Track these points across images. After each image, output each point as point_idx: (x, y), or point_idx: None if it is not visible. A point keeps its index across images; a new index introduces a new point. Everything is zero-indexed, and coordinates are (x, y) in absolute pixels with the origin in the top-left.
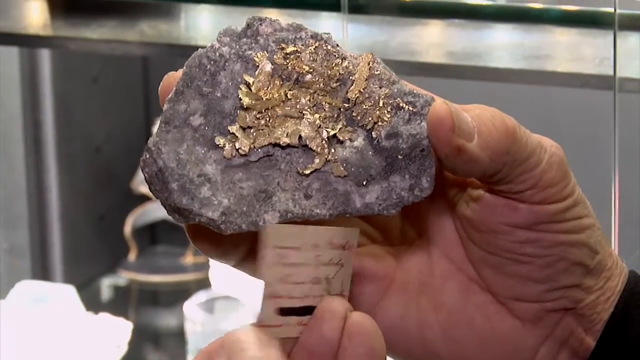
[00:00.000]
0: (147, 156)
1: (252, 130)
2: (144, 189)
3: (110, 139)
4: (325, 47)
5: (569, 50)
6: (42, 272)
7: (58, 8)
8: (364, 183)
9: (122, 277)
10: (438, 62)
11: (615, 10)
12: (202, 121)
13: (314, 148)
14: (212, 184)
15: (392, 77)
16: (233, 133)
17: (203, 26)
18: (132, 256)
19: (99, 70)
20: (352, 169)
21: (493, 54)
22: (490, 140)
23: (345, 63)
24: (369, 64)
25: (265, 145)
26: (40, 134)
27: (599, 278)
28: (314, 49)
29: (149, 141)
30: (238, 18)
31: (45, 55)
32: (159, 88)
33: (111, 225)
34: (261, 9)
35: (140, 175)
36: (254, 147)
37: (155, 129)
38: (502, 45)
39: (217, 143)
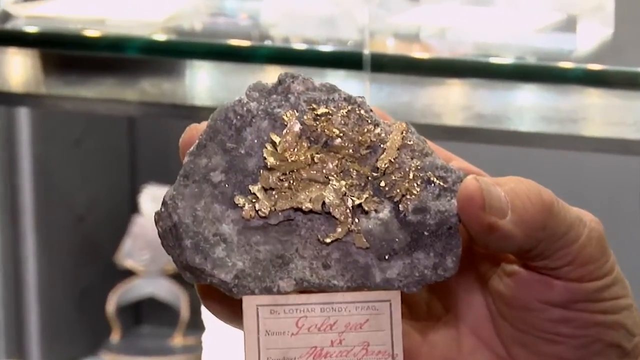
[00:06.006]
0: (162, 210)
1: (274, 192)
2: (129, 262)
3: (93, 207)
4: (358, 112)
5: (606, 113)
6: (18, 352)
7: (52, 65)
8: (386, 257)
9: None
10: (465, 126)
11: None
12: (223, 178)
13: (337, 216)
14: (228, 244)
15: (425, 149)
16: (254, 193)
17: (210, 85)
18: (115, 337)
19: (82, 132)
20: (375, 242)
21: (524, 117)
22: (525, 216)
23: (378, 130)
24: (402, 132)
25: (286, 209)
26: (17, 201)
27: None
28: (346, 112)
29: (165, 194)
30: (247, 76)
31: (23, 115)
32: (180, 140)
33: (93, 303)
34: (278, 66)
35: (125, 248)
36: (275, 209)
37: (141, 197)
38: (532, 107)
39: (237, 202)
